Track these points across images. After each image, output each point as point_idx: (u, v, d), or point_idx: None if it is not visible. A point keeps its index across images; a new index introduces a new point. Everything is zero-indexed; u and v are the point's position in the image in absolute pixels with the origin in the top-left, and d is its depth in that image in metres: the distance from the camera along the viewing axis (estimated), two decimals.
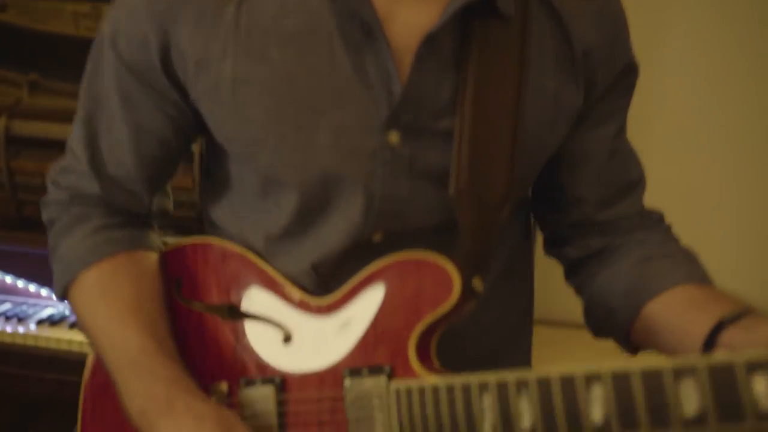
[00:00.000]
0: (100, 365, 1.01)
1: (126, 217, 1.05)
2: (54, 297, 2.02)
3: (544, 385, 0.77)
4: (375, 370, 0.89)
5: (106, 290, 0.99)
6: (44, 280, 2.03)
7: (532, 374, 0.78)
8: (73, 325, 1.92)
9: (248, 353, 0.97)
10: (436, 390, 0.84)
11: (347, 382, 0.90)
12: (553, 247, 1.13)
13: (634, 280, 1.01)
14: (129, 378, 0.93)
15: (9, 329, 1.92)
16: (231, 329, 0.98)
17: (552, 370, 0.77)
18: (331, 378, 0.92)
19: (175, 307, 1.02)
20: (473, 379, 0.81)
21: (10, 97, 2.24)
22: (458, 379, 0.83)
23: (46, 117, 2.19)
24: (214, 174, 1.08)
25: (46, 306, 2.02)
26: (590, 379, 0.74)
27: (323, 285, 0.98)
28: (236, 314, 0.98)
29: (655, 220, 1.09)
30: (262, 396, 0.94)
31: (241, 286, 0.99)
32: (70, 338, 1.89)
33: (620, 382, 0.72)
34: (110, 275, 1.00)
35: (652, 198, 1.11)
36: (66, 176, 1.05)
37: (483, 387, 0.80)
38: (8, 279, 2.04)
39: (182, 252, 1.05)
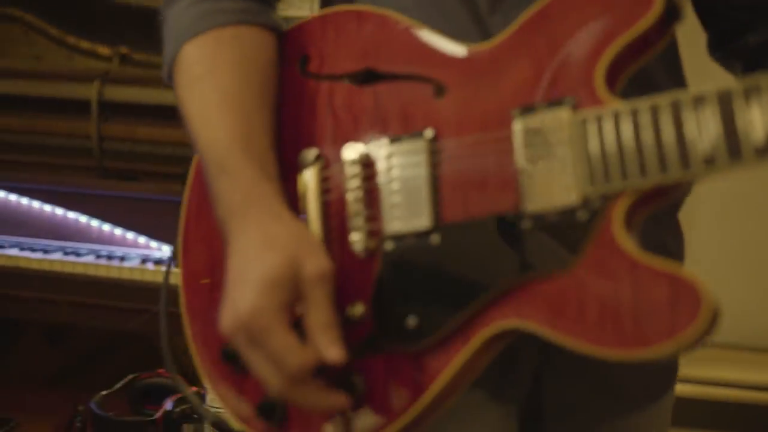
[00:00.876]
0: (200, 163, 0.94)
1: None
2: (152, 244, 2.09)
3: None
4: (554, 103, 0.77)
5: (204, 72, 0.90)
6: (142, 228, 2.08)
7: (765, 79, 0.68)
8: None
9: (390, 114, 0.86)
10: (635, 113, 0.73)
11: (518, 122, 0.78)
12: (727, 42, 1.00)
13: None
14: (213, 181, 0.87)
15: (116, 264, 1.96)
16: (369, 94, 0.88)
17: None
18: (496, 122, 0.80)
19: (299, 87, 0.93)
20: (684, 94, 0.71)
21: (100, 69, 2.33)
22: (663, 98, 0.72)
23: (138, 82, 2.28)
24: None
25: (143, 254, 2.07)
26: None
27: (481, 27, 0.89)
28: (374, 77, 0.88)
29: None
30: (410, 150, 0.84)
31: (381, 47, 0.89)
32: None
33: None
34: (212, 53, 0.90)
35: None
36: None
37: (698, 101, 0.70)
38: (106, 227, 2.09)
39: (307, 27, 0.95)
